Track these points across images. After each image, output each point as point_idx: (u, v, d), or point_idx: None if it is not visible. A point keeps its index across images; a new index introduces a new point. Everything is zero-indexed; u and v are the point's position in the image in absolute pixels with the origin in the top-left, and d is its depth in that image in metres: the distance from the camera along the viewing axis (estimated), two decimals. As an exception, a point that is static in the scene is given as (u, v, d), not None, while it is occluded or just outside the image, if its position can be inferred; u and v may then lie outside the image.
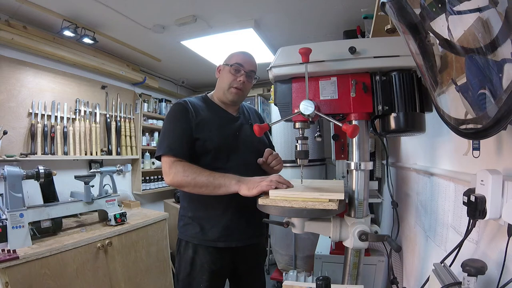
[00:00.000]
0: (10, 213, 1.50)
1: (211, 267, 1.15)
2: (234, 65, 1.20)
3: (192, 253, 1.16)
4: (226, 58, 1.27)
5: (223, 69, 1.25)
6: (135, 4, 1.90)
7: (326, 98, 0.88)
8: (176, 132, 1.13)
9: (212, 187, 1.02)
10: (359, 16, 1.75)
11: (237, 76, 1.21)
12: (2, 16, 1.94)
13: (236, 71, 1.21)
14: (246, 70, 1.22)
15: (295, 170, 2.64)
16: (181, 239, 1.21)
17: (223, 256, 1.17)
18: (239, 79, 1.20)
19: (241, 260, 1.24)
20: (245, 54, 1.27)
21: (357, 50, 0.83)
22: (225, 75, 1.22)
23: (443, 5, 0.52)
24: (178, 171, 1.05)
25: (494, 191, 0.58)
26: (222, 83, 1.23)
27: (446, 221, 0.93)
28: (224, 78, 1.22)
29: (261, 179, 0.94)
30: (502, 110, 0.44)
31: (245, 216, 1.18)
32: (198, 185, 1.02)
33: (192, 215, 1.19)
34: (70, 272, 1.60)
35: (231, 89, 1.21)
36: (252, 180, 0.97)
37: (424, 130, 0.86)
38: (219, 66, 1.29)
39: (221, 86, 1.24)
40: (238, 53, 1.26)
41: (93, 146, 2.55)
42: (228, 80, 1.21)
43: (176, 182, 1.05)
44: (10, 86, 2.03)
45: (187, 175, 1.03)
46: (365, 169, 0.89)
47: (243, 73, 1.21)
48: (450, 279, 0.65)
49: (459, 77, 0.56)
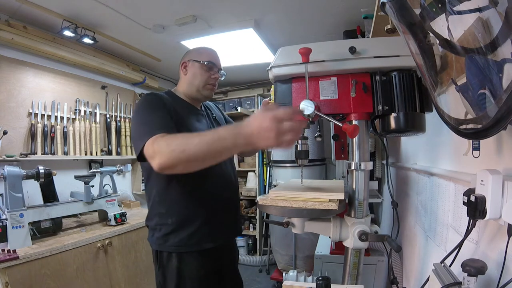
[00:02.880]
0: (10, 213, 1.50)
1: (200, 272, 1.11)
2: (208, 63, 1.21)
3: (177, 263, 1.09)
4: (192, 53, 1.26)
5: (193, 66, 1.22)
6: (135, 4, 1.90)
7: (326, 98, 0.88)
8: (156, 120, 0.98)
9: (211, 155, 0.79)
10: (359, 16, 1.75)
11: (211, 74, 1.22)
12: (2, 16, 1.94)
13: (210, 68, 1.22)
14: (218, 67, 1.25)
15: (295, 170, 2.64)
16: (161, 251, 1.11)
17: (209, 257, 1.14)
18: (214, 76, 1.22)
19: (224, 258, 1.22)
20: (214, 52, 1.27)
21: (357, 50, 0.83)
22: (198, 72, 1.21)
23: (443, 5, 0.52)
24: (161, 148, 0.83)
25: (494, 191, 0.58)
26: (195, 80, 1.21)
27: (446, 221, 0.93)
28: (198, 75, 1.21)
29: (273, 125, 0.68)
30: (502, 110, 0.44)
31: (226, 212, 1.19)
32: (191, 158, 0.79)
33: (173, 221, 1.10)
34: (70, 272, 1.60)
35: (207, 86, 1.22)
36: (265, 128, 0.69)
37: (424, 130, 0.86)
38: (184, 62, 1.24)
39: (193, 83, 1.21)
40: (207, 50, 1.26)
41: (93, 146, 2.55)
42: (203, 77, 1.20)
43: (164, 164, 0.82)
44: (10, 86, 2.03)
45: (173, 149, 0.81)
46: (365, 169, 0.89)
47: (216, 71, 1.24)
48: (450, 279, 0.65)
49: (459, 77, 0.56)
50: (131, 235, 2.01)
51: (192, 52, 1.27)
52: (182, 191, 1.11)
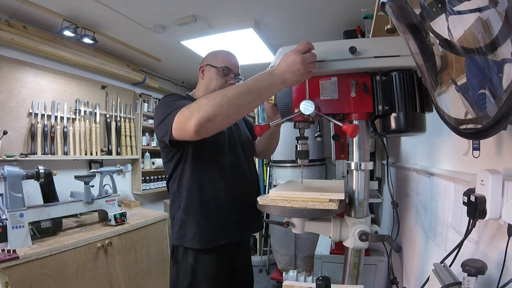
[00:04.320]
0: (10, 213, 1.50)
1: (214, 271, 1.11)
2: (224, 69, 1.20)
3: (193, 260, 1.10)
4: (209, 57, 1.24)
5: (209, 71, 1.22)
6: (135, 4, 1.90)
7: (326, 98, 0.88)
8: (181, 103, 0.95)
9: (251, 97, 0.81)
10: (359, 16, 1.75)
11: (227, 80, 1.20)
12: (2, 16, 1.94)
13: (226, 74, 1.20)
14: (235, 73, 1.23)
15: (295, 170, 2.64)
16: (178, 246, 1.13)
17: (224, 255, 1.14)
18: (230, 82, 1.20)
19: (238, 257, 1.23)
20: (231, 56, 1.25)
21: (357, 50, 0.83)
22: (214, 77, 1.20)
23: (443, 5, 0.52)
24: (200, 104, 0.83)
25: (494, 191, 0.58)
26: (211, 84, 1.20)
27: (446, 221, 0.93)
28: (214, 80, 1.20)
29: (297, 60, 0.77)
30: (502, 110, 0.44)
31: (242, 208, 1.17)
32: (232, 102, 0.79)
33: (188, 216, 1.11)
34: (70, 272, 1.60)
35: None
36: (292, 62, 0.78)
37: (424, 130, 0.86)
38: (202, 66, 1.25)
39: (209, 88, 1.20)
40: (224, 54, 1.24)
41: (93, 146, 2.55)
42: (218, 82, 1.19)
43: (205, 116, 0.80)
44: (10, 86, 2.03)
45: (212, 98, 0.80)
46: (365, 169, 0.89)
47: (232, 76, 1.22)
48: (450, 279, 0.65)
49: (459, 77, 0.56)
50: (131, 235, 2.01)
51: (210, 56, 1.25)
52: (200, 189, 1.12)
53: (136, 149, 3.01)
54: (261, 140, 1.34)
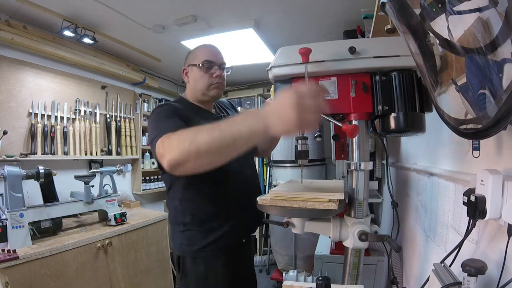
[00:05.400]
0: (10, 213, 1.50)
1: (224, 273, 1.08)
2: (204, 63, 1.10)
3: (204, 269, 1.06)
4: (189, 57, 1.17)
5: (192, 71, 1.14)
6: (135, 4, 1.90)
7: (326, 98, 0.88)
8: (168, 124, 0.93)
9: (225, 146, 0.67)
10: (359, 16, 1.75)
11: (212, 74, 1.11)
12: (2, 16, 1.94)
13: (208, 68, 1.11)
14: (218, 63, 1.13)
15: (295, 170, 2.64)
16: (184, 257, 1.08)
17: (231, 255, 1.11)
18: (215, 75, 1.11)
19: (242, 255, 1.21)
20: (210, 48, 1.15)
21: (357, 50, 0.83)
22: (198, 76, 1.12)
23: (443, 5, 0.52)
24: (171, 143, 0.76)
25: (494, 191, 0.58)
26: (197, 85, 1.13)
27: (446, 221, 0.93)
28: (198, 79, 1.12)
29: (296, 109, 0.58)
30: (502, 110, 0.44)
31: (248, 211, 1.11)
32: (201, 149, 0.68)
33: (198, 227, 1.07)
34: (70, 272, 1.60)
35: (211, 87, 1.13)
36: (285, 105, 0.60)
37: (424, 130, 0.86)
38: (184, 69, 1.18)
39: (197, 88, 1.14)
40: (201, 48, 1.15)
41: (93, 146, 2.55)
42: (203, 80, 1.11)
43: (173, 160, 0.72)
44: (10, 86, 2.03)
45: (183, 141, 0.72)
46: (365, 169, 0.88)
47: (216, 68, 1.12)
48: (450, 279, 0.65)
49: (459, 77, 0.56)
50: (131, 235, 2.01)
51: (189, 57, 1.18)
52: (204, 197, 1.09)
53: (136, 149, 3.01)
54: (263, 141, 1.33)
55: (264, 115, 0.63)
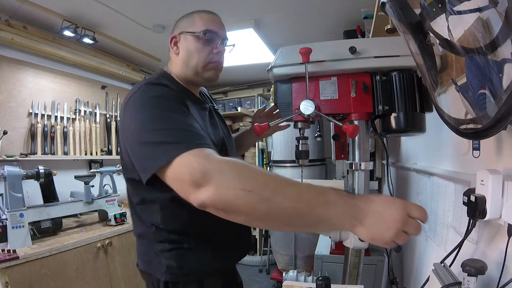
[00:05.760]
0: (10, 213, 1.50)
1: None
2: (206, 34, 0.85)
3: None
4: (183, 23, 0.89)
5: (185, 40, 0.87)
6: (135, 4, 1.90)
7: (326, 98, 0.88)
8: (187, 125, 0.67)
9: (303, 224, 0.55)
10: (359, 16, 1.75)
11: (212, 47, 0.87)
12: (2, 16, 1.94)
13: (209, 41, 0.86)
14: (221, 37, 0.89)
15: (295, 170, 2.64)
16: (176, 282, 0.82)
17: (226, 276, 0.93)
18: (217, 50, 0.87)
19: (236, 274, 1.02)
20: (214, 15, 0.91)
21: (357, 50, 0.83)
22: (194, 48, 0.85)
23: (443, 5, 0.52)
24: (226, 177, 0.53)
25: (494, 191, 0.58)
26: (191, 59, 0.86)
27: (446, 221, 0.93)
28: (193, 52, 0.85)
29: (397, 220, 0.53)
30: (502, 110, 0.44)
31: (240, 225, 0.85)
32: (273, 214, 0.52)
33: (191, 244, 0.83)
34: (70, 272, 1.60)
35: (209, 66, 0.87)
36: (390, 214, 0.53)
37: (424, 130, 0.86)
38: (174, 36, 0.89)
39: (189, 65, 0.86)
40: (203, 15, 0.89)
41: (93, 146, 2.55)
42: (201, 55, 0.85)
43: (222, 203, 0.52)
44: (10, 86, 2.03)
45: (250, 188, 0.51)
46: (365, 169, 0.89)
47: (219, 41, 0.88)
48: (450, 279, 0.65)
49: (459, 77, 0.56)
50: (131, 235, 1.99)
51: (183, 22, 0.90)
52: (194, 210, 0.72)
53: (136, 149, 3.01)
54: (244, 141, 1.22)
55: (361, 209, 0.53)
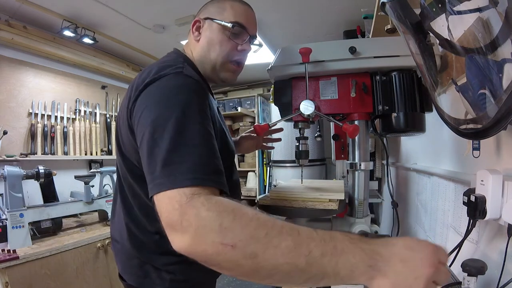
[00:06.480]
0: (10, 213, 1.50)
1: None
2: (235, 26, 0.73)
3: None
4: (211, 8, 0.76)
5: (210, 28, 0.75)
6: (135, 4, 1.90)
7: (326, 98, 0.88)
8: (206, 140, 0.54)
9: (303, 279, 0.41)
10: (359, 16, 1.75)
11: (238, 43, 0.75)
12: (2, 16, 1.94)
13: (236, 35, 0.75)
14: (251, 34, 0.78)
15: (295, 170, 2.64)
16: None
17: None
18: (241, 48, 0.76)
19: None
20: (248, 8, 0.81)
21: (357, 50, 0.83)
22: (218, 39, 0.74)
23: (443, 5, 0.52)
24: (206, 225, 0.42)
25: (494, 191, 0.58)
26: (212, 50, 0.74)
27: (446, 221, 0.93)
28: (216, 43, 0.74)
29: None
30: (502, 110, 0.44)
31: None
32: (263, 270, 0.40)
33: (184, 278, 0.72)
34: (70, 272, 1.60)
35: (229, 65, 0.76)
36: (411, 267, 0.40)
37: (424, 130, 0.86)
38: (198, 20, 0.76)
39: (209, 56, 0.75)
40: (236, 6, 0.77)
41: (93, 146, 2.55)
42: (224, 48, 0.74)
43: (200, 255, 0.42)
44: (10, 86, 2.03)
45: (233, 241, 0.40)
46: (365, 169, 0.89)
47: (246, 39, 0.76)
48: (450, 279, 0.65)
49: (459, 77, 0.56)
50: (131, 235, 2.01)
51: (212, 7, 0.77)
52: None
53: (136, 149, 3.01)
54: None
55: (380, 260, 0.40)
